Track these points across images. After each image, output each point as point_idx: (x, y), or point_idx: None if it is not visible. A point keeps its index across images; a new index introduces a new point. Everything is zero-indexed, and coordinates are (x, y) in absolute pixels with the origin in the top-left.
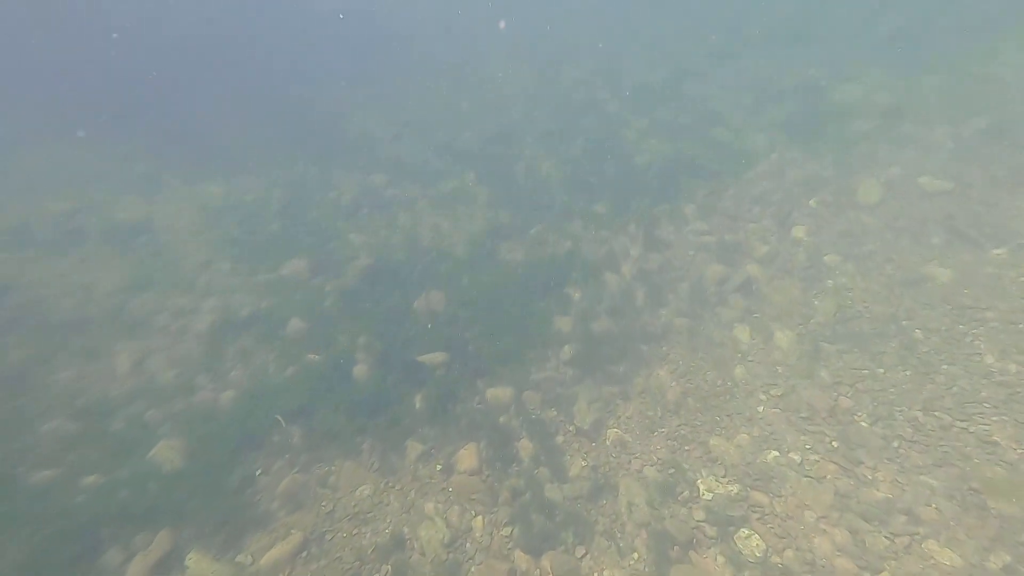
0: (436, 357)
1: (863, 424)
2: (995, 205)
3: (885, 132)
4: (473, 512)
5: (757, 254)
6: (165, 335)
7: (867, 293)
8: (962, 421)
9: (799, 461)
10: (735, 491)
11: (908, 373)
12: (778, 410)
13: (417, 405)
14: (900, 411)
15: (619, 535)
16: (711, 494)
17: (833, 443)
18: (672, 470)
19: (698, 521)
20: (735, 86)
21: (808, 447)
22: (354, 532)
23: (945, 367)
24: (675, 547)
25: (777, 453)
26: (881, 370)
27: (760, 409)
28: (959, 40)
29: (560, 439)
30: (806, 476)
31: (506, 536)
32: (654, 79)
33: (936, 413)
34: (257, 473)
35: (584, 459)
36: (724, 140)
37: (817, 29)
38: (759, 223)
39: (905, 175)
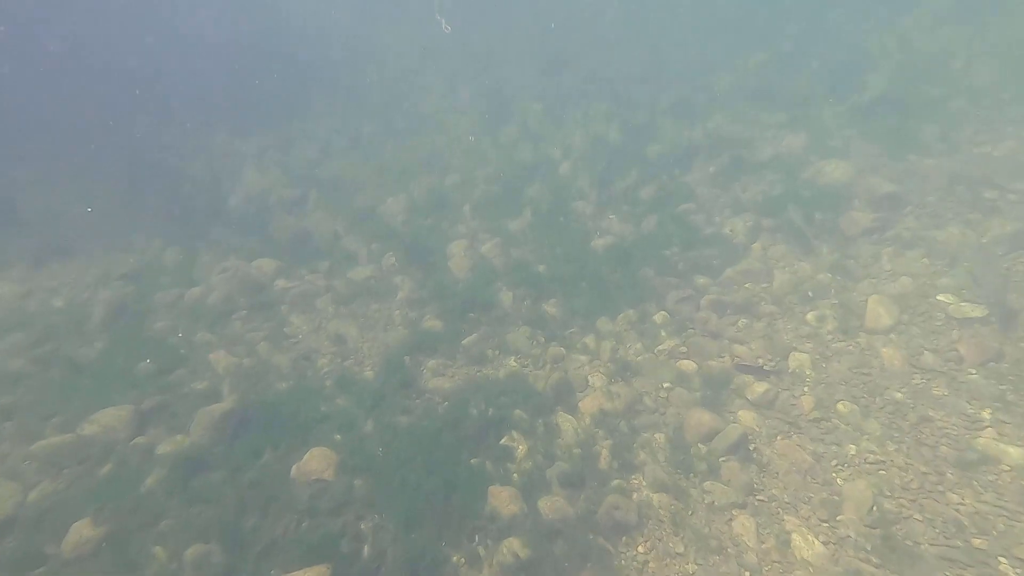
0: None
1: None
2: None
3: (885, 227)
4: None
5: (750, 394)
6: None
7: (908, 474)
8: None
9: None
10: None
11: None
12: None
13: None
14: None
15: None
16: None
17: None
18: None
19: None
20: (703, 152)
21: None
22: None
23: None
24: None
25: None
26: None
27: None
28: (951, 114)
29: None
30: None
31: None
32: (610, 134)
33: None
34: None
35: None
36: (695, 222)
37: (790, 85)
38: (747, 345)
39: (920, 289)
